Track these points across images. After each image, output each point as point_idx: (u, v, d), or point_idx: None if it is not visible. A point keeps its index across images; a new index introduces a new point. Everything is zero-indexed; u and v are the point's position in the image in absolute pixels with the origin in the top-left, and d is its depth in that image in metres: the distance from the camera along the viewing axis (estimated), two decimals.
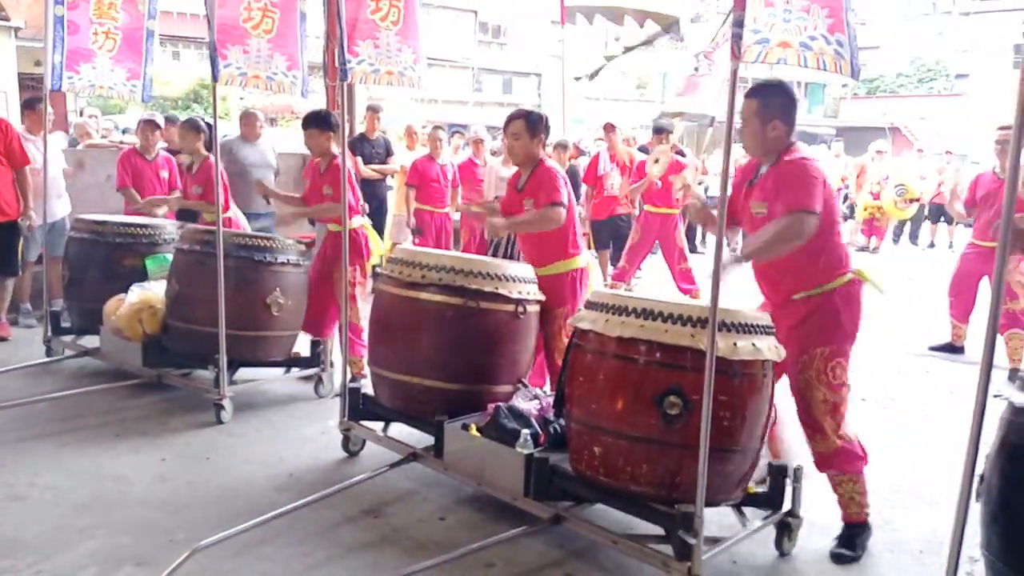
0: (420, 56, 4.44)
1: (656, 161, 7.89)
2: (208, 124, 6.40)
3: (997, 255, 2.48)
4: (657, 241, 8.37)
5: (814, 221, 3.22)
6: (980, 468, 2.64)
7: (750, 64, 2.92)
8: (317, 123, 5.36)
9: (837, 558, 3.49)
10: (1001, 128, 5.83)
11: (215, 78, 4.59)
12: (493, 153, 10.62)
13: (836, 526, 3.66)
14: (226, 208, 6.13)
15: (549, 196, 4.24)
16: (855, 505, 3.55)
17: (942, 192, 14.75)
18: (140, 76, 5.66)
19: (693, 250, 10.61)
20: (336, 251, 5.08)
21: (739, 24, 2.72)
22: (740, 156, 6.61)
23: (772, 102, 3.43)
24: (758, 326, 3.18)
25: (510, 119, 4.38)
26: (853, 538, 3.55)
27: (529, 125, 4.32)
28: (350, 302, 5.53)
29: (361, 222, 5.57)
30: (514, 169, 8.89)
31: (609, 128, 9.12)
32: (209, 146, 6.22)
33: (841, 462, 3.48)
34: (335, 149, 5.36)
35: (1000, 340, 6.38)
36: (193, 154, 6.54)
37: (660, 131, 8.40)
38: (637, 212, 8.74)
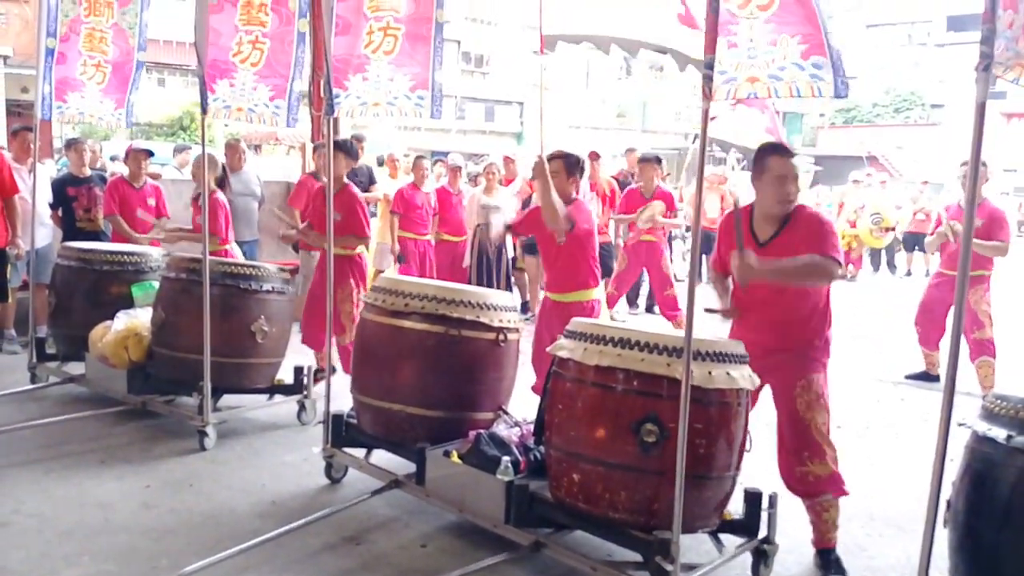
0: (427, 83, 4.10)
1: (648, 219, 8.04)
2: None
3: (957, 283, 2.59)
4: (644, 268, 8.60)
5: (840, 271, 3.61)
6: (948, 495, 2.72)
7: (722, 101, 3.03)
8: (342, 148, 5.74)
9: None
10: (964, 164, 6.06)
11: (204, 111, 4.67)
12: (472, 180, 10.70)
13: (811, 552, 3.73)
14: (226, 241, 6.20)
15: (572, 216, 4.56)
16: (835, 529, 3.64)
17: (918, 221, 14.97)
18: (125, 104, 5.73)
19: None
20: (338, 273, 5.34)
21: (709, 67, 2.84)
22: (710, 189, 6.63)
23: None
24: (733, 355, 3.27)
25: (551, 158, 4.67)
26: (838, 562, 3.63)
27: (567, 166, 4.68)
28: (349, 323, 5.65)
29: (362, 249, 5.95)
30: (495, 198, 9.04)
31: (593, 156, 9.20)
32: (219, 181, 6.36)
33: (835, 486, 3.56)
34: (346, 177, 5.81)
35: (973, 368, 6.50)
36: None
37: (647, 160, 8.50)
38: (622, 240, 8.89)
